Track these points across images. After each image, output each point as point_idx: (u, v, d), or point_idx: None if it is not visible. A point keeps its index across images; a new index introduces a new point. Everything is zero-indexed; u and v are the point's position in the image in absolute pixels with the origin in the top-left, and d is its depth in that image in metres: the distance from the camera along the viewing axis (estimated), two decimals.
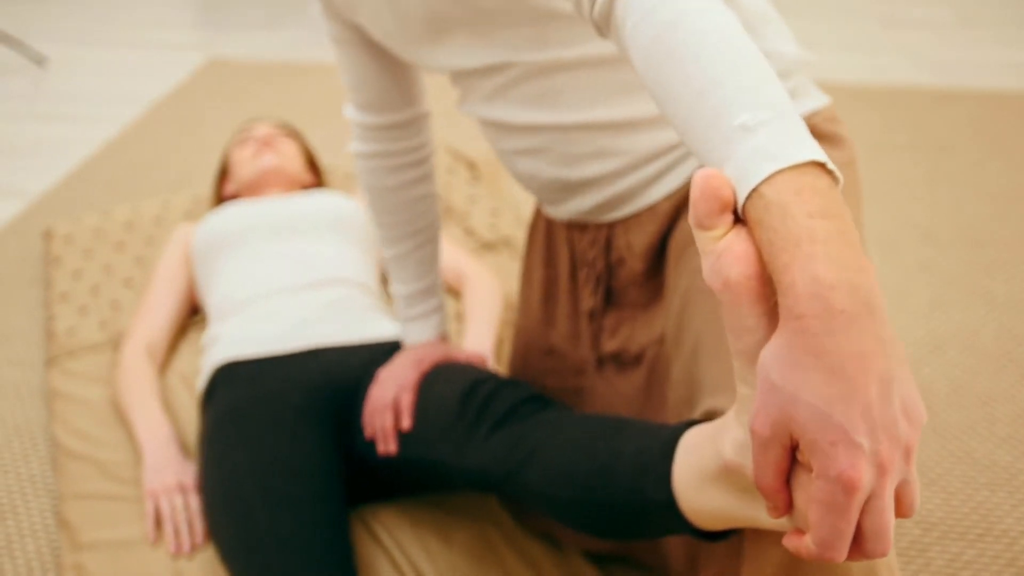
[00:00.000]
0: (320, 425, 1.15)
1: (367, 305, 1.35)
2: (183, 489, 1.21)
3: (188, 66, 2.90)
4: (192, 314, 1.58)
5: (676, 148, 0.93)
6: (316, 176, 1.72)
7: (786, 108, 0.55)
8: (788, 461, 0.52)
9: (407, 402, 1.07)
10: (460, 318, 1.56)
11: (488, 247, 1.77)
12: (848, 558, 0.51)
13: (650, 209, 0.97)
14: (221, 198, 1.69)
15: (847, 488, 0.47)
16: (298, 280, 1.35)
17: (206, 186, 2.07)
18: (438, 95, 2.55)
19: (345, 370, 1.21)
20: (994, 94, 2.48)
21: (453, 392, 1.03)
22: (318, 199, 1.52)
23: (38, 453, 1.36)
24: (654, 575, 1.09)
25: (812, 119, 0.95)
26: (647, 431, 0.79)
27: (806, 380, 0.48)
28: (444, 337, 1.19)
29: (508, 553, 1.13)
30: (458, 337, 1.51)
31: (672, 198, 0.95)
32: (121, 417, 1.39)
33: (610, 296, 1.06)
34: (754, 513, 0.63)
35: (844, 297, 0.48)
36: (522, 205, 1.90)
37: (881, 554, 0.50)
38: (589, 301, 1.07)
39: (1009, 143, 2.21)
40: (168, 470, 1.23)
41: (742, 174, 0.52)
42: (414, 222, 1.14)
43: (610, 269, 1.04)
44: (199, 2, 3.54)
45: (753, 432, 0.52)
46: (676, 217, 0.95)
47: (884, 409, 0.48)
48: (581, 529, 0.85)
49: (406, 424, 1.05)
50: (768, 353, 0.50)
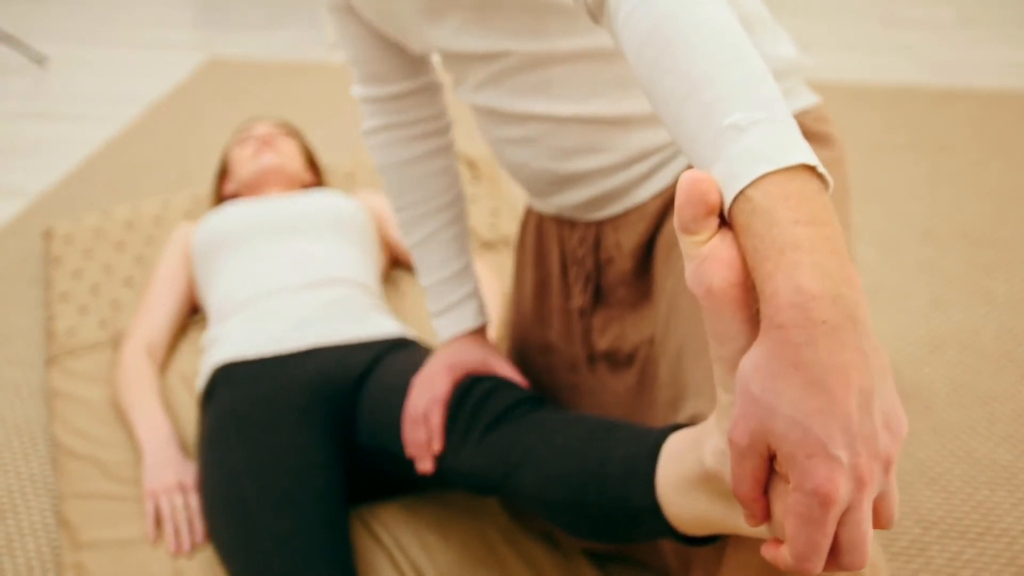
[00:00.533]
0: (320, 425, 1.15)
1: (367, 305, 1.35)
2: (183, 489, 1.21)
3: (188, 66, 2.90)
4: (192, 314, 1.58)
5: (666, 147, 0.93)
6: (316, 175, 1.72)
7: (780, 109, 0.54)
8: (766, 471, 0.51)
9: (436, 422, 0.99)
10: None
11: (488, 246, 1.77)
12: (824, 570, 0.51)
13: (639, 208, 0.96)
14: (221, 197, 1.69)
15: (824, 502, 0.47)
16: (298, 280, 1.35)
17: (206, 186, 2.07)
18: None
19: (345, 370, 1.21)
20: (994, 94, 2.48)
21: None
22: (318, 198, 1.52)
23: (38, 452, 1.36)
24: (654, 574, 1.09)
25: (801, 118, 0.95)
26: (636, 435, 0.79)
27: (785, 391, 0.47)
28: (483, 329, 1.09)
29: (508, 552, 1.13)
30: None
31: (661, 197, 0.94)
32: (121, 417, 1.39)
33: (600, 294, 1.05)
34: (735, 520, 0.63)
35: (826, 308, 0.47)
36: (522, 204, 1.90)
37: (858, 566, 0.50)
38: (579, 299, 1.06)
39: (1009, 143, 2.21)
40: (168, 470, 1.23)
41: (731, 174, 0.51)
42: (435, 198, 1.07)
43: (599, 267, 1.03)
44: (199, 2, 3.54)
45: (731, 442, 0.51)
46: (664, 216, 0.95)
47: (864, 422, 0.47)
48: (573, 532, 0.85)
49: (436, 447, 0.99)
50: (748, 362, 0.50)
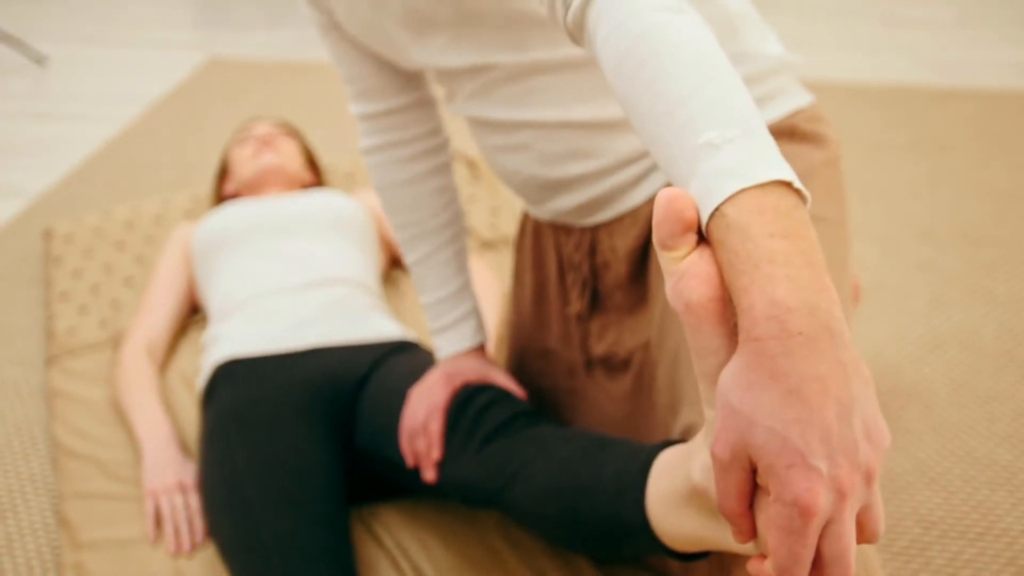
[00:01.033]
0: (320, 424, 1.15)
1: (367, 305, 1.35)
2: (183, 488, 1.21)
3: (188, 66, 2.90)
4: (192, 313, 1.58)
5: None
6: (316, 175, 1.72)
7: (754, 125, 0.54)
8: (750, 485, 0.51)
9: (436, 430, 1.00)
10: None
11: (488, 246, 1.77)
12: None
13: (632, 212, 0.96)
14: (221, 197, 1.69)
15: (804, 513, 0.47)
16: (298, 279, 1.35)
17: (206, 185, 2.07)
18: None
19: (345, 369, 1.20)
20: (994, 93, 2.48)
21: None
22: (318, 198, 1.52)
23: (38, 452, 1.36)
24: (655, 575, 1.09)
25: (794, 118, 0.94)
26: (630, 452, 0.79)
27: (763, 403, 0.47)
28: (482, 347, 1.10)
29: (508, 553, 1.13)
30: None
31: (654, 201, 0.94)
32: (121, 416, 1.39)
33: (597, 300, 1.05)
34: (723, 536, 0.62)
35: (802, 319, 0.47)
36: (520, 204, 1.90)
37: None
38: (576, 304, 1.06)
39: (1010, 142, 2.21)
40: (168, 469, 1.23)
41: (705, 192, 0.52)
42: (433, 218, 1.07)
43: (596, 273, 1.03)
44: (199, 2, 3.54)
45: (713, 456, 0.51)
46: None
47: (843, 432, 0.47)
48: (567, 547, 0.85)
49: (436, 455, 0.99)
50: (727, 375, 0.50)
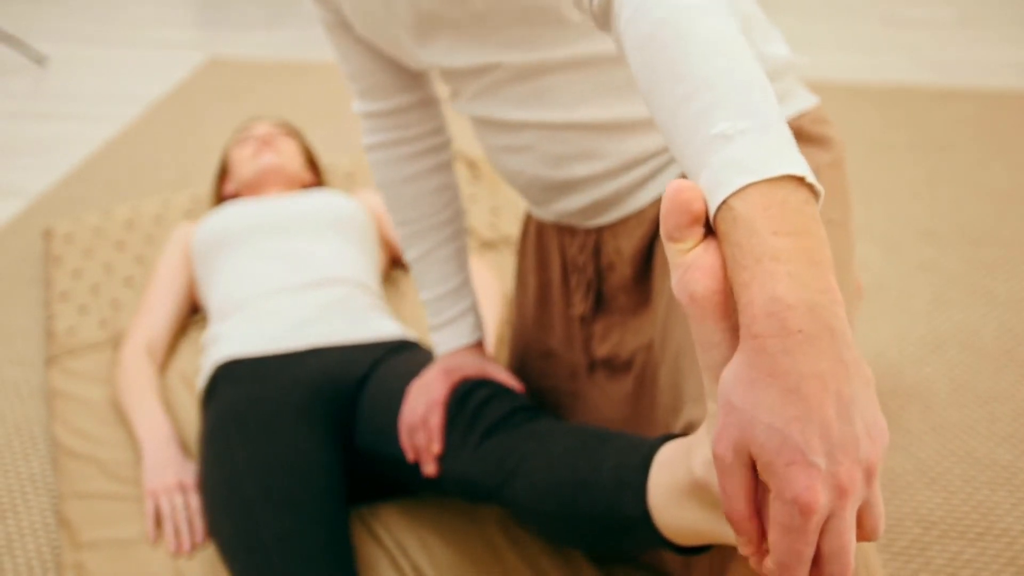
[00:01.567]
0: (320, 424, 1.15)
1: (367, 304, 1.35)
2: (183, 488, 1.21)
3: (188, 65, 2.90)
4: (192, 313, 1.58)
5: (662, 153, 0.92)
6: (316, 175, 1.72)
7: (771, 117, 0.53)
8: (755, 484, 0.50)
9: (436, 423, 1.00)
10: None
11: (488, 246, 1.77)
12: None
13: (637, 214, 0.96)
14: (221, 197, 1.69)
15: (803, 510, 0.47)
16: (298, 279, 1.35)
17: (206, 185, 2.07)
18: None
19: (345, 369, 1.20)
20: (995, 93, 2.48)
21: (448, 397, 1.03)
22: (318, 198, 1.52)
23: (38, 452, 1.36)
24: (654, 574, 1.08)
25: (799, 120, 0.94)
26: (630, 446, 0.78)
27: (764, 400, 0.47)
28: (480, 343, 1.10)
29: (508, 552, 1.13)
30: None
31: (659, 203, 0.94)
32: (121, 416, 1.39)
33: (601, 302, 1.05)
34: (724, 529, 0.62)
35: (801, 317, 0.47)
36: (522, 203, 1.90)
37: None
38: (580, 306, 1.06)
39: (1010, 142, 2.21)
40: (168, 469, 1.23)
41: (715, 184, 0.51)
42: (435, 215, 1.09)
43: (600, 274, 1.03)
44: (199, 2, 3.54)
45: (716, 457, 0.50)
46: None
47: (843, 430, 0.47)
48: (566, 543, 0.85)
49: (436, 449, 0.99)
50: (729, 373, 0.49)
